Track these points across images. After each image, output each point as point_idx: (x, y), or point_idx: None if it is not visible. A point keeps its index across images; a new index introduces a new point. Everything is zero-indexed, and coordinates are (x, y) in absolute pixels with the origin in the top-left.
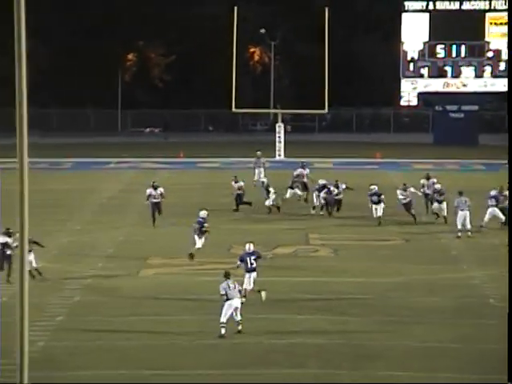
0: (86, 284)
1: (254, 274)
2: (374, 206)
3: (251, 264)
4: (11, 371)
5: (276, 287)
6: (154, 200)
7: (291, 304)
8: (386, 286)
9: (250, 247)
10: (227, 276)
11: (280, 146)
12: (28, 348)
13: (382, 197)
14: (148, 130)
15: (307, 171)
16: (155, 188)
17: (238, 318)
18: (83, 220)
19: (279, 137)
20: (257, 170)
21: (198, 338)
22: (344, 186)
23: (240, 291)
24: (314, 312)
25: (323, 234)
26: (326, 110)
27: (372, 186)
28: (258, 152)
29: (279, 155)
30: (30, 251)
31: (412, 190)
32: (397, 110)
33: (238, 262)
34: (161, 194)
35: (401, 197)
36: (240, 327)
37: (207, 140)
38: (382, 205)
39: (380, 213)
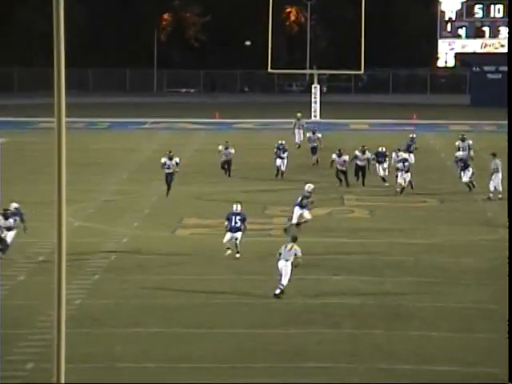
0: (123, 243)
1: (237, 235)
2: (399, 173)
3: (235, 223)
4: (47, 328)
5: (311, 248)
6: (168, 170)
7: (326, 264)
8: (421, 247)
9: (237, 207)
10: (294, 239)
11: (316, 106)
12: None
13: (407, 164)
14: (184, 90)
15: (320, 135)
16: (170, 158)
17: (284, 282)
18: (119, 179)
19: (315, 98)
20: (297, 132)
21: (234, 297)
22: (370, 155)
23: (295, 255)
24: (350, 273)
25: (358, 195)
26: (363, 71)
27: (400, 153)
28: (299, 113)
29: (315, 116)
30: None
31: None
32: (433, 71)
33: (226, 222)
34: (176, 164)
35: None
36: (278, 291)
37: (243, 101)
38: (409, 174)
39: (401, 180)
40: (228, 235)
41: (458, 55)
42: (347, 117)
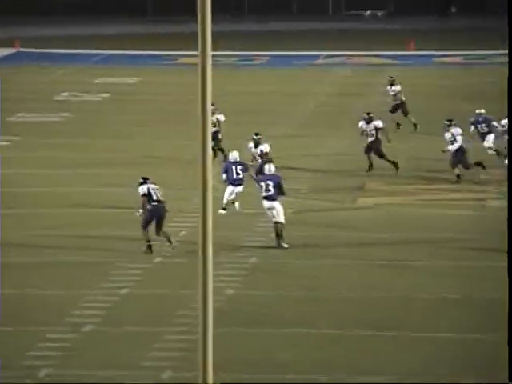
0: (288, 215)
1: (239, 189)
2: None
3: (237, 174)
4: (188, 325)
5: None
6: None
7: None
8: None
9: (234, 156)
10: None
11: None
12: (212, 306)
13: (494, 123)
14: (368, 12)
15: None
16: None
17: None
18: (282, 133)
19: None
20: None
21: (441, 290)
22: (380, 123)
23: None
24: None
25: None
26: None
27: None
28: None
29: None
30: None
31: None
32: None
33: (224, 175)
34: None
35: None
36: None
37: (447, 26)
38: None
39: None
40: (229, 189)
41: None
42: None
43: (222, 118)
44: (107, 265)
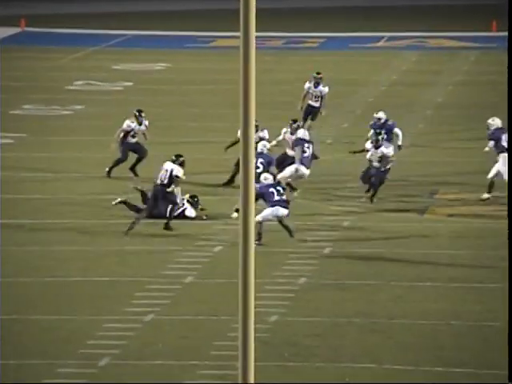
0: (343, 228)
1: None
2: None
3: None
4: (224, 359)
5: None
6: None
7: None
8: None
9: (262, 147)
10: None
11: None
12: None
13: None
14: None
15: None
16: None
17: None
18: (337, 129)
19: None
20: None
21: None
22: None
23: None
24: None
25: None
26: None
27: None
28: None
29: None
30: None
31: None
32: None
33: None
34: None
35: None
36: None
37: None
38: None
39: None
40: None
41: None
42: None
43: (144, 127)
44: (128, 285)
